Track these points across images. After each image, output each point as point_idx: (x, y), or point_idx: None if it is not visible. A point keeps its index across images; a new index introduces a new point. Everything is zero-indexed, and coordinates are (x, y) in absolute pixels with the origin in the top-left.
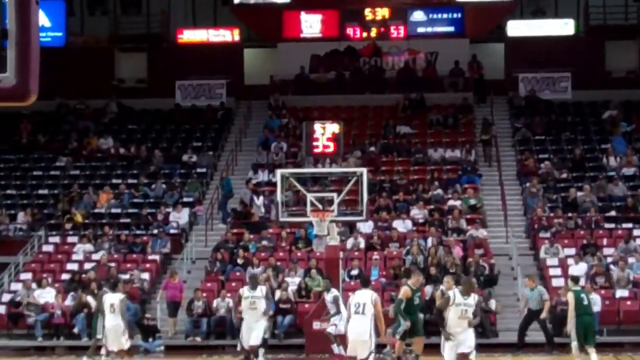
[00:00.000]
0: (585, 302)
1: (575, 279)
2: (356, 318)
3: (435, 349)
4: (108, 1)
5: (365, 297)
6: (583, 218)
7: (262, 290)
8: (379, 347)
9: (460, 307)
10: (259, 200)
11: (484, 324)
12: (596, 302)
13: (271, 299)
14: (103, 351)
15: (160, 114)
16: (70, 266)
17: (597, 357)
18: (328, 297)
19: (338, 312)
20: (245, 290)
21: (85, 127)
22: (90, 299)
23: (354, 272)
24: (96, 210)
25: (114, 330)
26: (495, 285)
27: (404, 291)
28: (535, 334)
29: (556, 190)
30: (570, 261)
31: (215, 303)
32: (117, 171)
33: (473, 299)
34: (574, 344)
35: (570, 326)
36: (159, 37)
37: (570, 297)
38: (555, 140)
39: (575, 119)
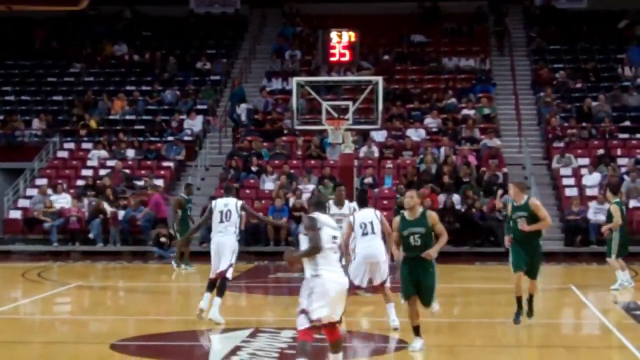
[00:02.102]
0: (625, 214)
1: (615, 190)
2: (366, 239)
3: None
4: None
5: (370, 215)
6: (597, 128)
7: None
8: None
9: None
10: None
11: (496, 232)
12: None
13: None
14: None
15: (174, 21)
16: (85, 172)
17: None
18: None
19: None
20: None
21: (99, 33)
22: (106, 205)
23: (368, 180)
24: (110, 117)
25: (221, 245)
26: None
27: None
28: (549, 243)
29: (570, 100)
30: (583, 171)
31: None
32: (131, 78)
33: (348, 208)
34: (613, 258)
35: (615, 239)
36: None
37: (615, 210)
38: (570, 50)
39: (591, 28)
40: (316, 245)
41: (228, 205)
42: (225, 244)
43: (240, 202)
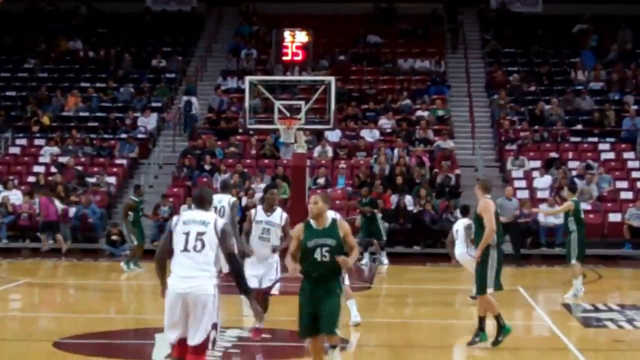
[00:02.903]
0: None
1: (573, 188)
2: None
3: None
4: None
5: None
6: (549, 131)
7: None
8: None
9: (261, 225)
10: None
11: (448, 233)
12: (559, 215)
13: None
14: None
15: (130, 18)
16: (37, 169)
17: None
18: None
19: None
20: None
21: (54, 29)
22: (57, 202)
23: (321, 180)
24: (64, 114)
25: None
26: (459, 197)
27: None
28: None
29: (524, 103)
30: (535, 174)
31: (181, 209)
32: (85, 74)
33: (280, 216)
34: (574, 261)
35: (574, 242)
36: None
37: (569, 205)
38: (524, 53)
39: (545, 32)
40: (156, 253)
41: (222, 201)
42: None
43: (232, 199)
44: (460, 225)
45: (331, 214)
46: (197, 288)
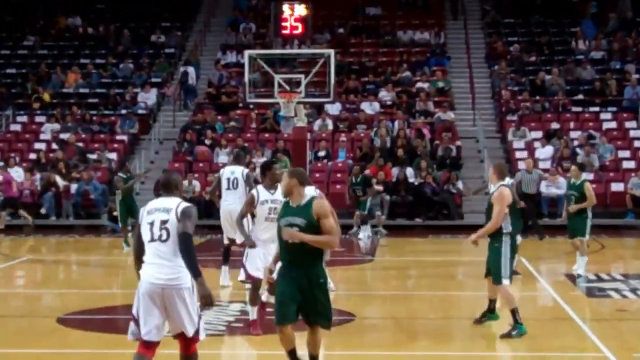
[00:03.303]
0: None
1: (583, 167)
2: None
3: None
4: None
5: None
6: (550, 101)
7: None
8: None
9: (266, 206)
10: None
11: (449, 206)
12: (562, 185)
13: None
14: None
15: None
16: (38, 145)
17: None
18: None
19: None
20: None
21: (53, 5)
22: (58, 179)
23: (321, 153)
24: (64, 90)
25: (229, 214)
26: (460, 168)
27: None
28: None
29: (524, 74)
30: (536, 144)
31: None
32: (85, 51)
33: None
34: (587, 237)
35: (589, 218)
36: None
37: (588, 188)
38: (524, 23)
39: (545, 2)
40: (132, 247)
41: (235, 173)
42: (232, 212)
43: (246, 171)
44: None
45: (310, 192)
46: (171, 282)
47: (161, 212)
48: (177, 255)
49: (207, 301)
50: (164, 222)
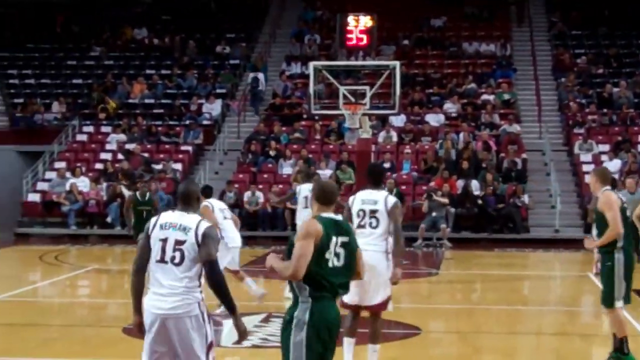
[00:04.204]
0: None
1: None
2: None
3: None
4: None
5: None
6: (618, 114)
7: None
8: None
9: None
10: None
11: (515, 219)
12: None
13: None
14: None
15: (194, 5)
16: (104, 156)
17: None
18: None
19: None
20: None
21: (119, 17)
22: (123, 189)
23: (386, 165)
24: (130, 101)
25: None
26: (526, 181)
27: None
28: (568, 230)
29: (591, 86)
30: (604, 157)
31: (246, 197)
32: (150, 62)
33: (383, 200)
34: None
35: None
36: None
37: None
38: (591, 35)
39: (613, 13)
40: (134, 261)
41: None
42: None
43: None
44: None
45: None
46: (177, 310)
47: (178, 230)
48: (190, 281)
49: (244, 337)
50: (179, 242)
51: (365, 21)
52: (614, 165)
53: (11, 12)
